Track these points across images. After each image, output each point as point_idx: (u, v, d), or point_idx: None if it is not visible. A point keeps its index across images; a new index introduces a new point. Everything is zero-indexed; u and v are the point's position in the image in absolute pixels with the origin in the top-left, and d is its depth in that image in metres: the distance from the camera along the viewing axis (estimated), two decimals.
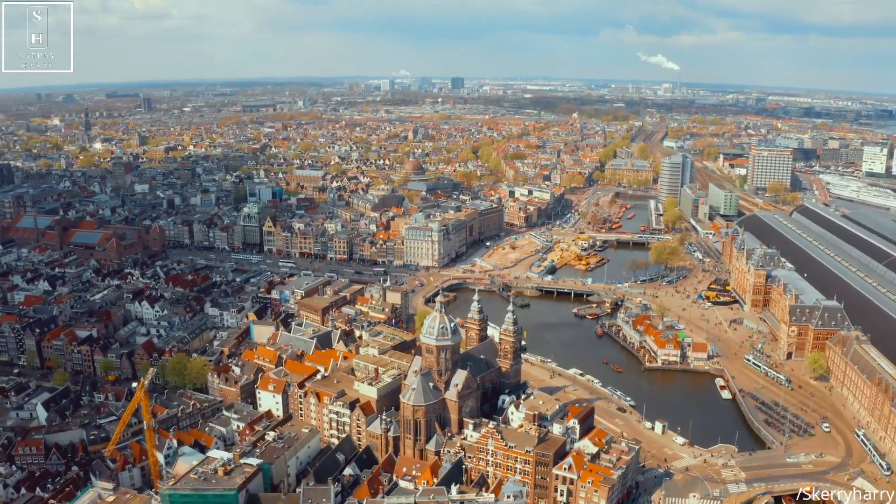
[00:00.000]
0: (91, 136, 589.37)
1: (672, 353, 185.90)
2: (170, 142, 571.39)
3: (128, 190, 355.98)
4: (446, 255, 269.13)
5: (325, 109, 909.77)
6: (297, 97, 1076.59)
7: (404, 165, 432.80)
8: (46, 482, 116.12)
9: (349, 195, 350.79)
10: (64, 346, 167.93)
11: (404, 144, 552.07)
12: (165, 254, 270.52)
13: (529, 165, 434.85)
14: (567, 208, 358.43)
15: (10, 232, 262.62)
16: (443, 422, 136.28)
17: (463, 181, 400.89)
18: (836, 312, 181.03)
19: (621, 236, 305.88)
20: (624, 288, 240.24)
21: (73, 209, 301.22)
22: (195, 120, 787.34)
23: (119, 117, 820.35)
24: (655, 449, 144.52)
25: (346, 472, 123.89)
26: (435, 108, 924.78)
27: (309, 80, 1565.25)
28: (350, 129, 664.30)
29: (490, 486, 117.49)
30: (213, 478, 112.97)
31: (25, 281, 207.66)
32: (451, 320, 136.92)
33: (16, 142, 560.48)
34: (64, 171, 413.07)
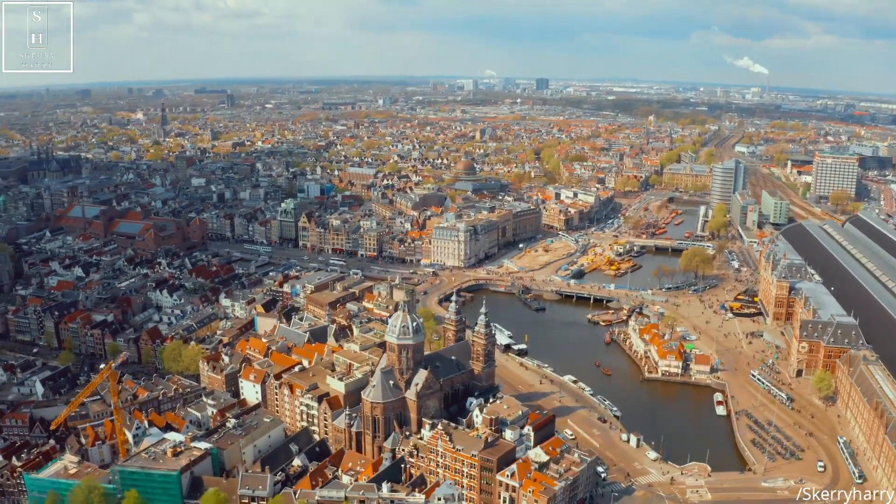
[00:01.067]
0: (166, 131, 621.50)
1: (673, 365, 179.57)
2: (240, 137, 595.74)
3: (185, 183, 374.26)
4: (473, 255, 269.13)
5: (402, 108, 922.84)
6: (379, 96, 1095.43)
7: (456, 165, 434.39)
8: (23, 452, 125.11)
9: (393, 193, 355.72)
10: (78, 329, 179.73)
11: (467, 144, 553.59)
12: (205, 245, 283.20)
13: (587, 168, 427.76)
14: (615, 212, 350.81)
15: (61, 220, 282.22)
16: (403, 420, 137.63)
17: (514, 182, 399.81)
18: (850, 329, 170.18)
19: (660, 242, 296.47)
20: (647, 295, 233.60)
21: (128, 200, 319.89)
22: (273, 116, 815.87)
23: (201, 112, 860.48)
24: (625, 462, 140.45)
25: (296, 463, 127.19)
26: (512, 108, 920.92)
27: (395, 80, 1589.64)
28: (420, 129, 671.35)
29: (427, 487, 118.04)
30: (162, 458, 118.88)
31: (63, 267, 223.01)
32: (413, 319, 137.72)
33: (96, 134, 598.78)
34: (131, 163, 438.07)
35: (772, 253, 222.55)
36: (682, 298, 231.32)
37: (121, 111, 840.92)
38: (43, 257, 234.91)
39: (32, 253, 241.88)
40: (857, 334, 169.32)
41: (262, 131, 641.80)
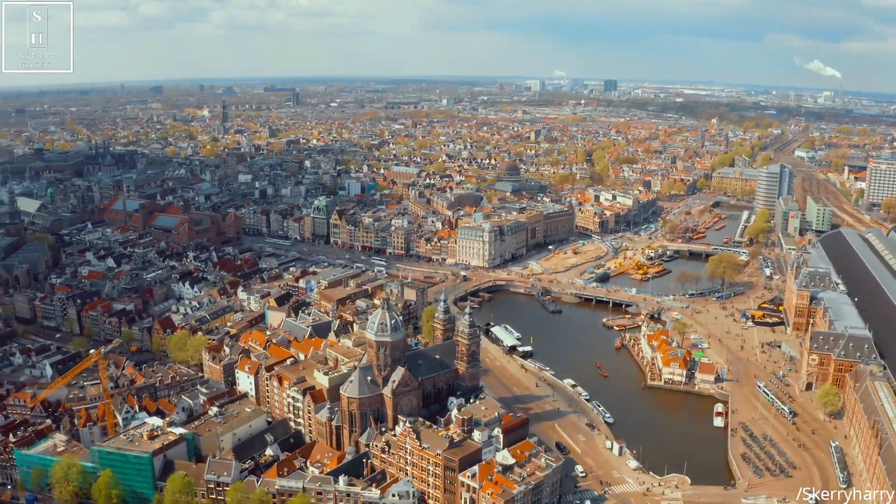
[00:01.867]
0: (226, 128, 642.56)
1: (677, 373, 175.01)
2: (297, 135, 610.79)
3: (232, 179, 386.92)
4: (499, 255, 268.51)
5: (463, 108, 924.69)
6: (444, 96, 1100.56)
7: (500, 165, 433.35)
8: (19, 429, 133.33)
9: (431, 193, 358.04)
10: (98, 317, 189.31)
11: (519, 145, 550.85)
12: (240, 240, 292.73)
13: (636, 170, 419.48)
14: (656, 215, 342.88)
15: (105, 213, 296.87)
16: (380, 416, 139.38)
17: (556, 183, 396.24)
18: (862, 343, 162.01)
19: (694, 247, 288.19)
20: (668, 301, 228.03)
21: (172, 195, 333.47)
22: (335, 115, 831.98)
23: (265, 110, 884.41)
24: (604, 470, 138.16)
25: (268, 452, 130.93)
26: (575, 110, 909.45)
27: (464, 80, 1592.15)
28: (477, 129, 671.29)
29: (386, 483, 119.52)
30: (138, 441, 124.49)
31: (97, 258, 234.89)
32: (392, 317, 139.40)
33: (158, 130, 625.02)
34: (184, 159, 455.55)
35: (796, 260, 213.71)
36: (703, 305, 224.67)
37: (189, 108, 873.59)
38: (81, 248, 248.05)
39: (72, 244, 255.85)
40: (870, 348, 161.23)
41: (319, 129, 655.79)
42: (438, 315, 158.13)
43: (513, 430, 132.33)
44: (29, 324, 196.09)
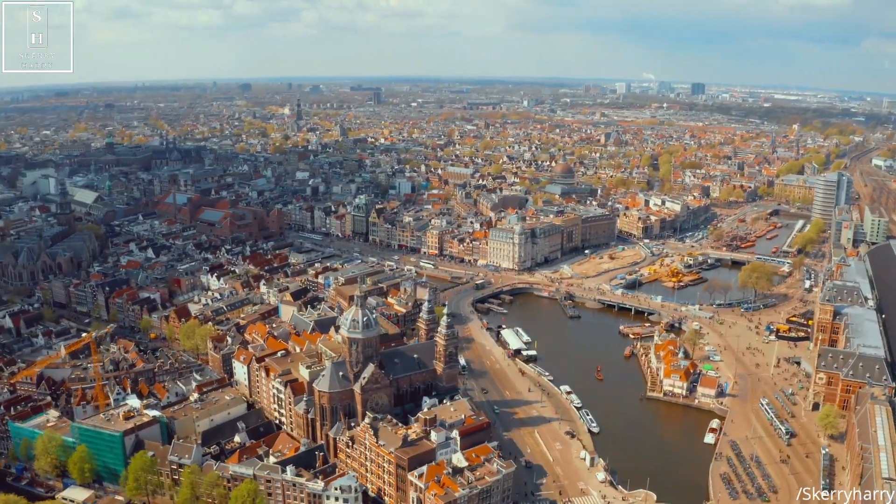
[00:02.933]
0: (299, 125, 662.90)
1: (678, 385, 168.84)
2: (368, 134, 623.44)
3: (290, 176, 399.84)
4: (529, 258, 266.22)
5: (542, 110, 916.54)
6: (527, 97, 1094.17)
7: (555, 168, 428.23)
8: (20, 404, 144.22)
9: (478, 194, 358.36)
10: (123, 304, 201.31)
11: (585, 148, 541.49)
12: (283, 235, 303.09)
13: (699, 176, 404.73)
14: (708, 222, 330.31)
15: (158, 206, 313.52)
16: (351, 411, 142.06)
17: (611, 187, 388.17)
18: (873, 363, 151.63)
19: (738, 255, 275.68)
20: (693, 310, 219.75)
21: (228, 190, 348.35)
22: (411, 115, 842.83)
23: (345, 108, 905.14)
24: (570, 480, 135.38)
25: (236, 439, 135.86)
26: (655, 113, 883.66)
27: (551, 81, 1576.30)
28: (549, 130, 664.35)
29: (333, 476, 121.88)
30: (115, 420, 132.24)
31: (139, 248, 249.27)
32: (365, 314, 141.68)
33: (236, 126, 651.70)
34: (251, 155, 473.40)
35: (826, 272, 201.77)
36: (730, 316, 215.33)
37: (272, 105, 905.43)
38: (127, 238, 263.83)
39: (120, 234, 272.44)
40: (881, 369, 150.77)
41: (391, 129, 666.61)
42: (423, 315, 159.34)
43: (472, 434, 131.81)
44: (63, 308, 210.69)
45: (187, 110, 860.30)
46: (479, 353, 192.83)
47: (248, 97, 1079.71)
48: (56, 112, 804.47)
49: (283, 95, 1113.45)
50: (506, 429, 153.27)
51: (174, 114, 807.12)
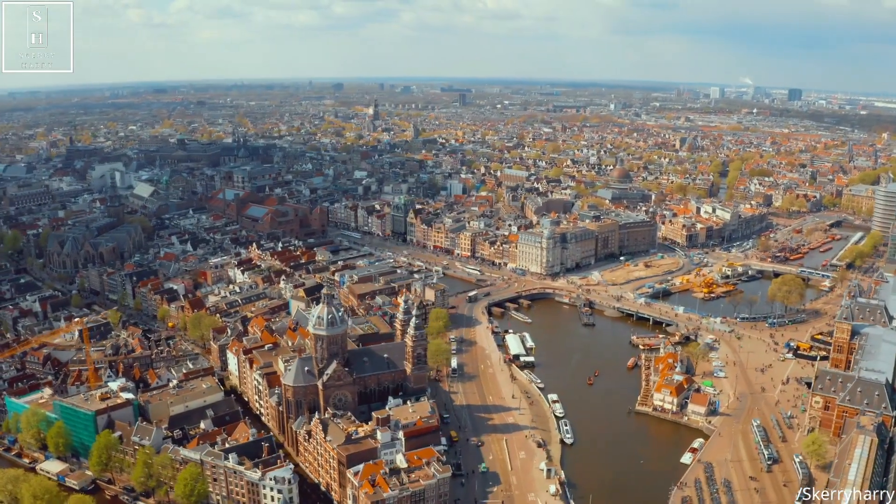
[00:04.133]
0: (375, 125, 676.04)
1: (668, 400, 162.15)
2: (442, 135, 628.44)
3: (348, 175, 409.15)
4: (557, 263, 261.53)
5: (626, 114, 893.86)
6: (616, 100, 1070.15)
7: (612, 172, 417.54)
8: (23, 381, 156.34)
9: (525, 197, 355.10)
10: (146, 294, 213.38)
11: (655, 152, 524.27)
12: (325, 233, 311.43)
13: (766, 184, 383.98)
14: (763, 231, 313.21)
15: (210, 201, 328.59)
16: (316, 406, 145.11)
17: (669, 193, 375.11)
18: (874, 389, 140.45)
19: (781, 267, 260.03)
20: (716, 323, 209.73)
21: (283, 187, 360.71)
22: (493, 116, 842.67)
23: (429, 110, 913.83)
24: (521, 491, 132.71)
25: (202, 426, 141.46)
26: (743, 118, 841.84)
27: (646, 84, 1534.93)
28: (626, 134, 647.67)
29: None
30: (92, 400, 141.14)
31: (180, 241, 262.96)
32: (330, 312, 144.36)
33: (316, 125, 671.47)
34: (318, 153, 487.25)
35: (853, 289, 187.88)
36: (751, 331, 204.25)
37: (358, 105, 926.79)
38: (172, 231, 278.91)
39: (167, 227, 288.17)
40: (881, 396, 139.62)
41: (465, 130, 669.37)
42: (400, 316, 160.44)
43: (419, 436, 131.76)
44: (96, 295, 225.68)
45: (275, 108, 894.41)
46: (477, 357, 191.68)
47: (338, 97, 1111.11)
48: (150, 108, 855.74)
49: (372, 95, 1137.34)
50: (476, 434, 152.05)
51: (261, 111, 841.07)
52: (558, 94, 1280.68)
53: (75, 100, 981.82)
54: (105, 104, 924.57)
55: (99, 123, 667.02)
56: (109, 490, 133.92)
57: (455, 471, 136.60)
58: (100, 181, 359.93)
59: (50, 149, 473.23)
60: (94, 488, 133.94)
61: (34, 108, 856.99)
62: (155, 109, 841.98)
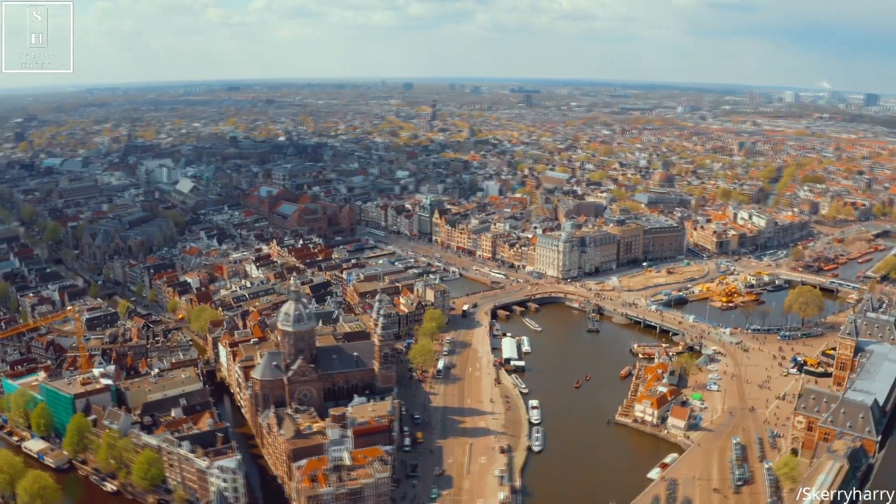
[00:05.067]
0: (432, 125, 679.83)
1: (648, 412, 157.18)
2: (496, 136, 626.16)
3: (389, 174, 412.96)
4: (574, 267, 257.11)
5: (692, 117, 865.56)
6: (685, 103, 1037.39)
7: (653, 176, 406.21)
8: (24, 364, 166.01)
9: (558, 200, 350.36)
10: (160, 286, 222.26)
11: (708, 157, 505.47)
12: (353, 231, 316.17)
13: (818, 190, 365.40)
14: (803, 239, 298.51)
15: (247, 198, 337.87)
16: (282, 400, 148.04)
17: (711, 198, 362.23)
18: (858, 411, 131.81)
19: (810, 277, 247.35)
20: (725, 335, 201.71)
21: (323, 185, 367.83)
22: (555, 118, 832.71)
23: (491, 110, 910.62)
24: (470, 496, 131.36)
25: (173, 413, 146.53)
26: (811, 123, 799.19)
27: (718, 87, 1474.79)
28: (685, 137, 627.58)
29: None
30: (74, 383, 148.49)
31: (208, 236, 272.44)
32: (297, 309, 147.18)
33: (376, 124, 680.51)
34: (367, 152, 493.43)
35: (865, 303, 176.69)
36: (761, 343, 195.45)
37: (423, 105, 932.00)
38: (203, 226, 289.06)
39: (200, 222, 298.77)
40: (865, 419, 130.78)
41: (520, 131, 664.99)
42: (374, 315, 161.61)
43: (369, 434, 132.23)
44: (118, 286, 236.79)
45: (341, 108, 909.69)
46: (468, 359, 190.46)
47: (406, 96, 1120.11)
48: (221, 105, 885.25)
49: (440, 95, 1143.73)
50: (443, 436, 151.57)
51: (327, 110, 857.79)
52: (628, 96, 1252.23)
53: (150, 96, 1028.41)
54: (177, 101, 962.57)
55: (166, 120, 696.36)
56: (83, 470, 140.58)
57: (411, 472, 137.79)
58: (148, 176, 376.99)
59: (111, 144, 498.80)
60: (69, 467, 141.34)
61: (108, 104, 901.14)
62: (224, 107, 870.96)
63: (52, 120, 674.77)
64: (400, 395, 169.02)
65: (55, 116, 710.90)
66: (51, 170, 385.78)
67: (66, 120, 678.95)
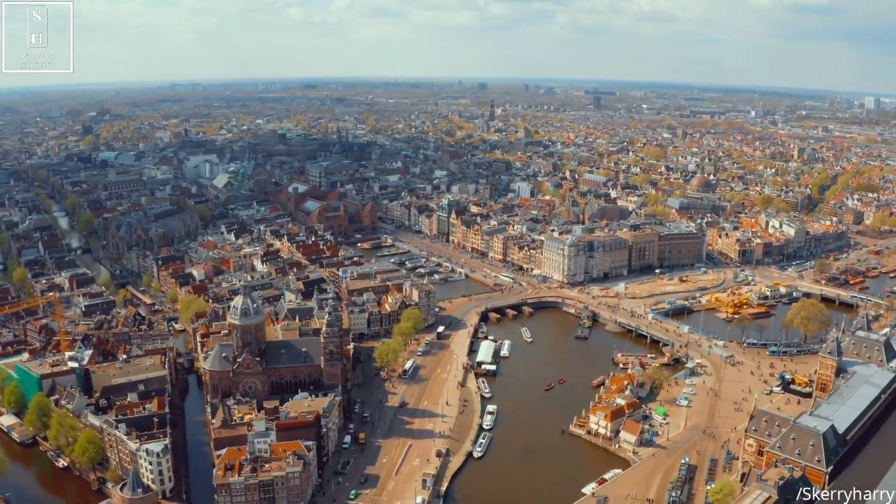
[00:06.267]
0: (489, 125, 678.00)
1: (602, 424, 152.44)
2: (552, 137, 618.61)
3: (429, 173, 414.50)
4: (581, 272, 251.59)
5: (762, 122, 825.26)
6: (759, 107, 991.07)
7: (692, 181, 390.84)
8: (15, 345, 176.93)
9: (586, 203, 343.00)
10: (166, 277, 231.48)
11: (763, 162, 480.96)
12: (374, 229, 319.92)
13: (869, 200, 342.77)
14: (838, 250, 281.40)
15: (277, 194, 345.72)
16: (230, 391, 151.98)
17: (750, 205, 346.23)
18: (809, 438, 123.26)
19: (830, 290, 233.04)
20: (716, 348, 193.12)
21: (356, 183, 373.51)
22: (621, 120, 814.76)
23: (558, 112, 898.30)
24: (389, 498, 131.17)
25: (129, 398, 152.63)
26: (882, 130, 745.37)
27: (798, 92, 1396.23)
28: (748, 142, 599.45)
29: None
30: (43, 364, 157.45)
31: (228, 231, 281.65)
32: (245, 304, 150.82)
33: (435, 123, 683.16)
34: (414, 152, 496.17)
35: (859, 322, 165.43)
36: (753, 358, 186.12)
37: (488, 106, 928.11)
38: (227, 221, 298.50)
39: (225, 217, 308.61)
40: (815, 447, 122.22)
41: (576, 133, 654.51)
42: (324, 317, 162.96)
43: (293, 429, 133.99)
44: (133, 275, 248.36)
45: (408, 107, 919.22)
46: (441, 361, 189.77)
47: (477, 97, 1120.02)
48: (292, 103, 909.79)
49: (511, 96, 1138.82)
50: (386, 436, 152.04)
51: (393, 109, 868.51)
52: (704, 98, 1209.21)
53: (227, 93, 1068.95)
54: (251, 98, 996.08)
55: (233, 116, 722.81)
56: (44, 446, 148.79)
57: (340, 469, 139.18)
58: (193, 171, 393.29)
59: (172, 139, 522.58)
60: (32, 442, 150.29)
61: (184, 99, 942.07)
62: (294, 104, 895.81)
63: (125, 114, 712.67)
64: (359, 393, 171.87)
65: (129, 111, 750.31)
66: (105, 163, 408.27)
67: (137, 115, 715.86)
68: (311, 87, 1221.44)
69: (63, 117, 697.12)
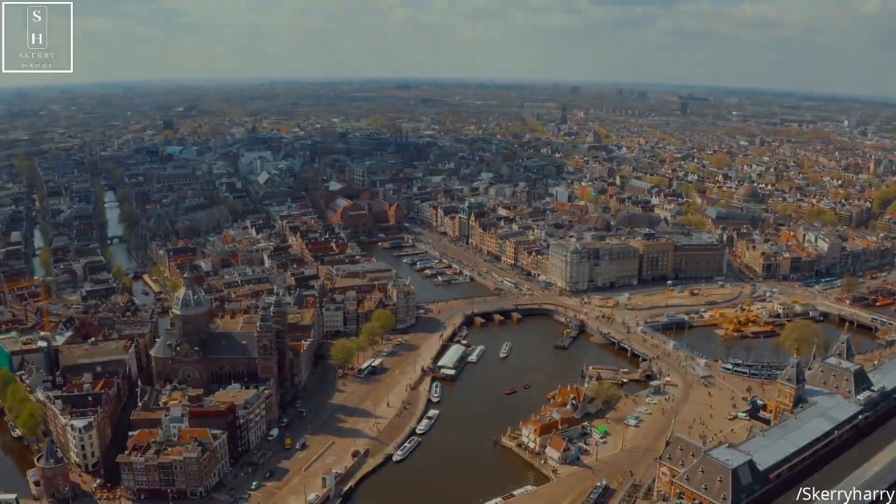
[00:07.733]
0: (560, 129, 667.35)
1: (531, 438, 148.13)
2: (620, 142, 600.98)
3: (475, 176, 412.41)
4: (584, 280, 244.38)
5: (852, 132, 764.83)
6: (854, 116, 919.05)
7: (738, 191, 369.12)
8: (10, 324, 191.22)
9: (616, 209, 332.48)
10: (175, 267, 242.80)
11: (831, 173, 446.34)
12: (399, 229, 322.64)
13: None
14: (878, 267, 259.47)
15: (313, 192, 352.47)
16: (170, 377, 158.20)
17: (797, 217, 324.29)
18: (718, 472, 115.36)
19: (849, 311, 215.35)
20: (698, 367, 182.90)
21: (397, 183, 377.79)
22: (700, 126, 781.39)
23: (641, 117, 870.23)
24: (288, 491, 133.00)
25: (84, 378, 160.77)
26: None
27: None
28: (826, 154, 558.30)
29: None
30: (18, 342, 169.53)
31: (251, 225, 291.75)
32: (187, 295, 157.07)
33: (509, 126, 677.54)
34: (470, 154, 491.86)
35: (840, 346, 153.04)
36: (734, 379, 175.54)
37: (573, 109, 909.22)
38: (254, 216, 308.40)
39: (256, 212, 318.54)
40: (723, 483, 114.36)
41: (647, 138, 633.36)
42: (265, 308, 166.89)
43: (205, 417, 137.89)
44: (151, 264, 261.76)
45: (492, 109, 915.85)
46: (403, 362, 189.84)
47: (564, 100, 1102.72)
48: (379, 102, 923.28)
49: (601, 100, 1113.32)
50: (314, 432, 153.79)
51: (475, 111, 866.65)
52: (800, 107, 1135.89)
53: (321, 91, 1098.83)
54: (340, 97, 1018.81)
55: (314, 114, 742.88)
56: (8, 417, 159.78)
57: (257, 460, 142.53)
58: (247, 167, 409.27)
59: (245, 135, 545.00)
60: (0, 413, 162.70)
61: (274, 97, 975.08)
62: (381, 104, 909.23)
63: (212, 110, 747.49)
64: (309, 388, 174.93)
65: (217, 107, 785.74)
66: (170, 157, 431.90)
67: (224, 111, 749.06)
68: (403, 88, 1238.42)
69: (151, 111, 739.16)
